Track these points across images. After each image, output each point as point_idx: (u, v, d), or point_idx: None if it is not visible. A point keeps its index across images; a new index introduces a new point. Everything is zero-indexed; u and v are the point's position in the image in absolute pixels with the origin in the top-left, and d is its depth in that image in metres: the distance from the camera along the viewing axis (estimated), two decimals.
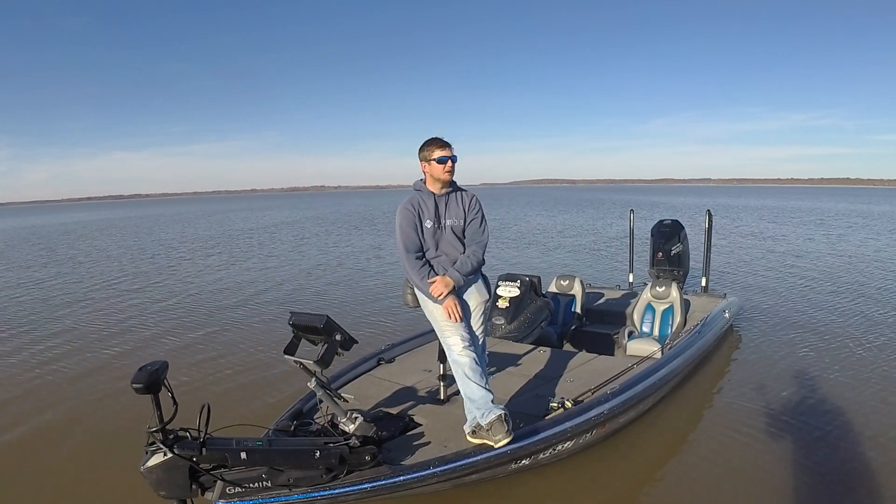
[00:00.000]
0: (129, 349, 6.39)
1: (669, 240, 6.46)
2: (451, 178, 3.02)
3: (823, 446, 3.69)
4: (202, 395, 4.55)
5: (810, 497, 3.13)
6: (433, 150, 2.98)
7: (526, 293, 5.03)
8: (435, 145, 2.99)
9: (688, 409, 4.35)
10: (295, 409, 3.24)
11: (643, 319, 5.29)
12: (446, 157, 2.96)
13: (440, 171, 2.99)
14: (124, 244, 20.31)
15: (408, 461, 2.74)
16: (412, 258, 2.99)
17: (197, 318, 7.91)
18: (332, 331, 2.68)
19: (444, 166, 2.97)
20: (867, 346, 5.83)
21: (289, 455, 2.38)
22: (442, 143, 2.99)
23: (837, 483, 3.26)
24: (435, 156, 2.97)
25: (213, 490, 2.28)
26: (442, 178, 3.00)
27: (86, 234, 26.76)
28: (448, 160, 2.97)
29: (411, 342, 4.65)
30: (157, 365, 2.08)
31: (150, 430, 2.09)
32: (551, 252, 14.62)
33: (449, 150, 2.99)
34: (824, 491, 3.19)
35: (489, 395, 2.90)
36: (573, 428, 3.14)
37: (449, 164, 2.97)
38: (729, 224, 22.73)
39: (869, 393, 4.61)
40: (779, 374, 5.03)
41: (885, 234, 18.38)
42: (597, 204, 43.47)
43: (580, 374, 3.91)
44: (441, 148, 2.97)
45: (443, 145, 2.98)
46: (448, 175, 3.00)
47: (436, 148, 2.98)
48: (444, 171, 2.99)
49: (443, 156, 2.96)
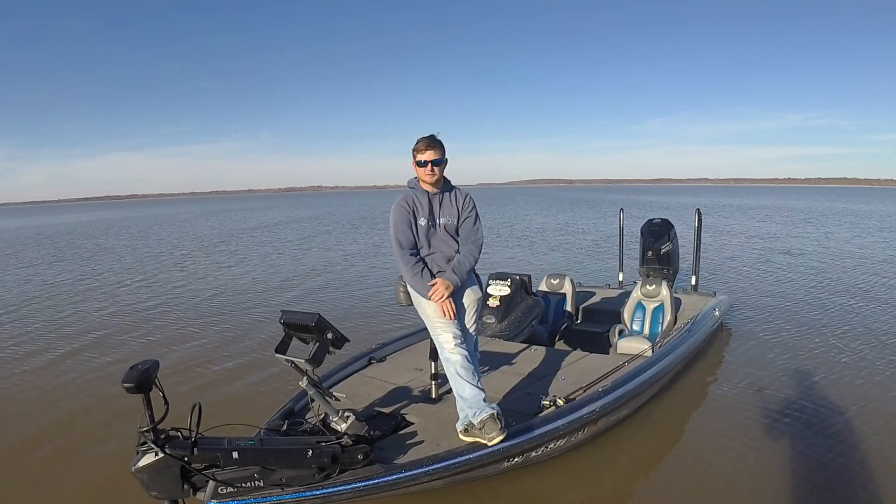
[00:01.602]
0: (119, 348, 6.37)
1: (659, 239, 6.51)
2: (432, 181, 3.00)
3: (814, 442, 3.72)
4: (193, 395, 4.55)
5: (802, 493, 3.16)
6: (416, 152, 2.97)
7: (516, 292, 5.04)
8: (420, 146, 2.96)
9: (678, 407, 4.38)
10: (286, 409, 3.24)
11: (633, 318, 5.32)
12: (425, 162, 2.94)
13: (421, 173, 2.99)
14: (129, 243, 20.35)
15: (400, 460, 2.74)
16: (406, 254, 2.99)
17: (188, 316, 7.91)
18: (323, 329, 2.68)
19: (424, 170, 2.97)
20: (854, 341, 5.92)
21: (281, 454, 2.38)
22: (427, 145, 2.95)
23: (828, 479, 3.29)
24: (417, 158, 2.97)
25: (204, 490, 2.27)
26: (424, 179, 3.00)
27: (88, 234, 26.87)
28: (427, 164, 2.94)
29: (402, 341, 4.65)
30: (147, 364, 2.07)
31: (141, 430, 2.08)
32: (542, 251, 14.68)
33: (432, 153, 2.94)
34: (815, 487, 3.22)
35: (481, 394, 2.90)
36: (565, 426, 3.15)
37: (428, 167, 2.95)
38: (719, 223, 22.93)
39: (858, 387, 4.67)
40: (769, 371, 5.07)
41: (874, 233, 18.66)
42: (592, 203, 43.54)
43: (571, 372, 3.93)
44: (422, 151, 2.95)
45: (427, 147, 2.94)
46: (429, 178, 2.99)
47: (419, 150, 2.96)
48: (425, 174, 2.98)
49: (421, 160, 2.95)
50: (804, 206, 37.88)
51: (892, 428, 3.91)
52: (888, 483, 3.21)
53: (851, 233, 18.64)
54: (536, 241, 17.21)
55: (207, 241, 20.46)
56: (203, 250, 17.09)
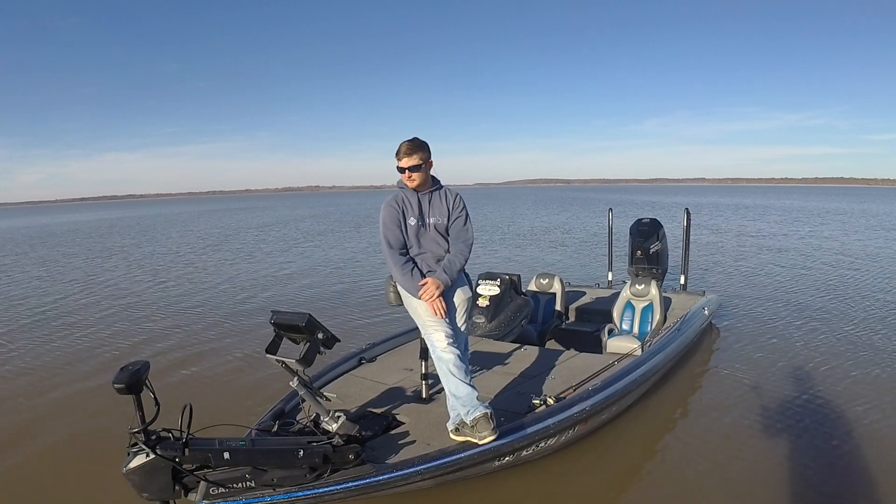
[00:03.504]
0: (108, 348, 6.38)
1: (648, 238, 6.54)
2: (413, 186, 3.01)
3: (803, 439, 3.76)
4: (184, 396, 4.54)
5: (791, 491, 3.19)
6: (396, 157, 2.97)
7: (506, 292, 5.03)
8: (400, 152, 2.96)
9: (668, 406, 4.41)
10: (277, 409, 3.24)
11: (623, 317, 5.34)
12: (403, 169, 2.96)
13: (403, 177, 3.01)
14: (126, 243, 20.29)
15: (391, 460, 2.75)
16: (396, 254, 2.99)
17: (178, 317, 7.91)
18: (313, 329, 2.67)
19: (403, 176, 2.99)
20: (841, 338, 6.02)
21: (272, 454, 2.39)
22: (405, 151, 2.94)
23: (818, 475, 3.33)
24: (397, 163, 2.98)
25: (196, 491, 2.28)
26: (406, 184, 3.02)
27: (90, 233, 26.81)
28: (405, 171, 2.95)
29: (393, 341, 4.66)
30: (138, 365, 2.07)
31: (132, 431, 2.08)
32: (533, 250, 14.72)
33: (408, 160, 2.94)
34: (804, 484, 3.25)
35: (474, 392, 2.90)
36: (555, 425, 3.16)
37: (407, 174, 2.96)
38: (709, 222, 23.06)
39: (845, 383, 4.73)
40: (757, 369, 5.12)
41: (861, 231, 18.93)
42: (587, 203, 43.58)
43: (561, 371, 3.95)
44: (400, 158, 2.95)
45: (405, 154, 2.94)
46: (410, 183, 3.00)
47: (398, 155, 2.96)
48: (405, 179, 3.00)
49: (399, 167, 2.97)
50: (798, 206, 38.06)
51: (881, 424, 3.96)
52: (879, 479, 3.25)
53: (840, 231, 18.86)
54: (528, 240, 17.26)
55: (200, 241, 20.40)
56: (195, 251, 17.04)
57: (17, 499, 3.36)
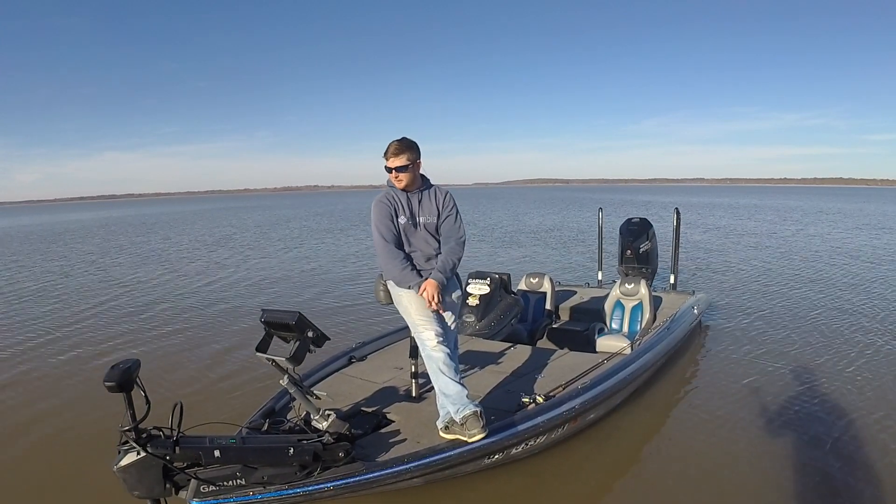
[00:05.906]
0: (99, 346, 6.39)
1: (638, 237, 6.58)
2: (401, 186, 3.01)
3: (793, 436, 3.79)
4: (175, 394, 4.56)
5: (782, 487, 3.21)
6: (384, 156, 2.98)
7: (496, 291, 5.03)
8: (388, 152, 2.96)
9: (658, 404, 4.44)
10: (267, 408, 3.26)
11: (613, 316, 5.36)
12: (390, 169, 2.97)
13: (390, 177, 3.01)
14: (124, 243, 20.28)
15: (381, 457, 2.77)
16: (391, 248, 2.97)
17: (168, 315, 7.93)
18: (304, 328, 2.69)
19: (391, 175, 3.00)
20: (831, 336, 6.08)
21: (263, 453, 2.40)
22: (393, 151, 2.95)
23: (807, 472, 3.34)
24: (385, 163, 2.98)
25: (187, 489, 2.29)
26: (394, 183, 3.03)
27: (93, 233, 26.76)
28: (392, 171, 2.97)
29: (382, 340, 4.67)
30: (129, 363, 2.07)
31: (122, 429, 2.08)
32: (523, 249, 14.74)
33: (395, 160, 2.94)
34: (795, 481, 3.27)
35: (464, 391, 2.92)
36: (545, 422, 3.19)
37: (394, 174, 2.97)
38: (701, 221, 23.15)
39: (835, 380, 4.77)
40: (746, 368, 5.15)
41: (852, 230, 19.04)
42: (584, 203, 43.55)
43: (551, 370, 3.97)
44: (387, 157, 2.96)
45: (392, 154, 2.95)
46: (398, 184, 3.00)
47: (386, 155, 2.97)
48: (393, 179, 3.00)
49: (387, 167, 2.98)
50: (794, 206, 38.17)
51: (873, 421, 3.99)
52: (871, 476, 3.28)
53: (832, 230, 18.97)
54: (520, 240, 17.26)
55: (195, 241, 20.35)
56: (190, 250, 17.02)
57: (10, 493, 3.36)
